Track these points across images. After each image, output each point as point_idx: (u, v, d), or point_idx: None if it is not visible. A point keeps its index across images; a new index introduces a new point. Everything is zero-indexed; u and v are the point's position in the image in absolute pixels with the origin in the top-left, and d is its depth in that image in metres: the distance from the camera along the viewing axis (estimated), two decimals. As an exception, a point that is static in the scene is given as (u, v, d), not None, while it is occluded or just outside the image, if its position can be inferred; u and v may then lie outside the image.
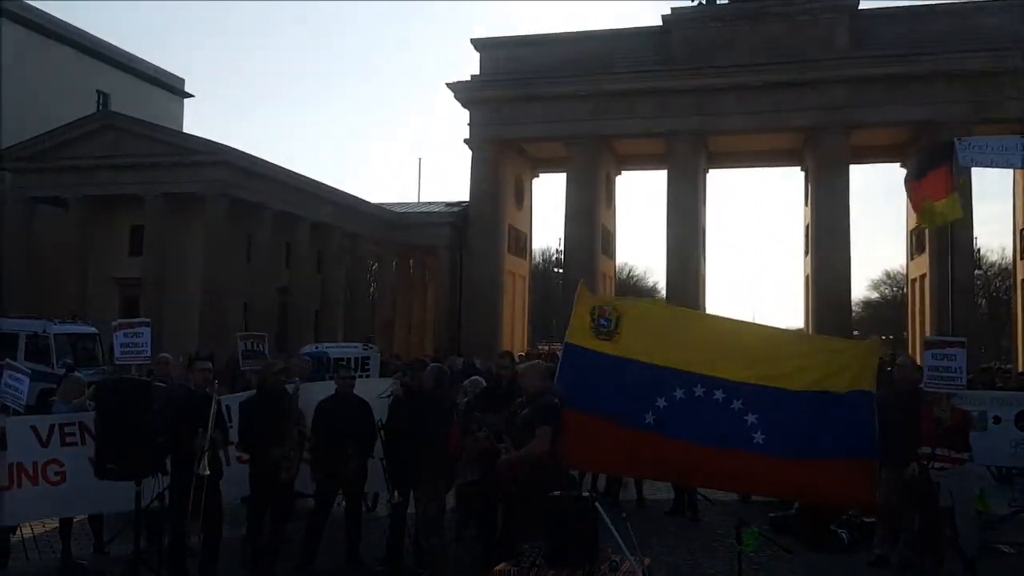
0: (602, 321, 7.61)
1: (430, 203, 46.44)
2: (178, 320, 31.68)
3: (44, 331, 22.28)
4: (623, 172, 43.83)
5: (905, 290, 44.21)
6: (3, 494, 8.38)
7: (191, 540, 8.31)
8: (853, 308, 43.57)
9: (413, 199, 48.99)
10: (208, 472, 7.47)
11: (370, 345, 16.95)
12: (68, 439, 8.65)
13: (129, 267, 33.92)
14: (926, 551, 8.12)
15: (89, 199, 33.11)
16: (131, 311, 29.66)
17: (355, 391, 9.02)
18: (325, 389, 9.28)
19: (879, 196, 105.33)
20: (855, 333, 32.18)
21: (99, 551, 9.51)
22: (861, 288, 73.96)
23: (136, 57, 43.15)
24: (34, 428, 8.65)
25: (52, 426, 8.69)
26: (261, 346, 13.83)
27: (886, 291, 72.79)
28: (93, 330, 24.15)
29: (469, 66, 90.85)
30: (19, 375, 9.99)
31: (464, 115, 37.35)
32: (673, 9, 34.86)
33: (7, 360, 10.54)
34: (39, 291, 32.76)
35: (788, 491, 7.81)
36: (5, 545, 9.26)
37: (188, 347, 25.90)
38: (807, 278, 37.97)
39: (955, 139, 12.15)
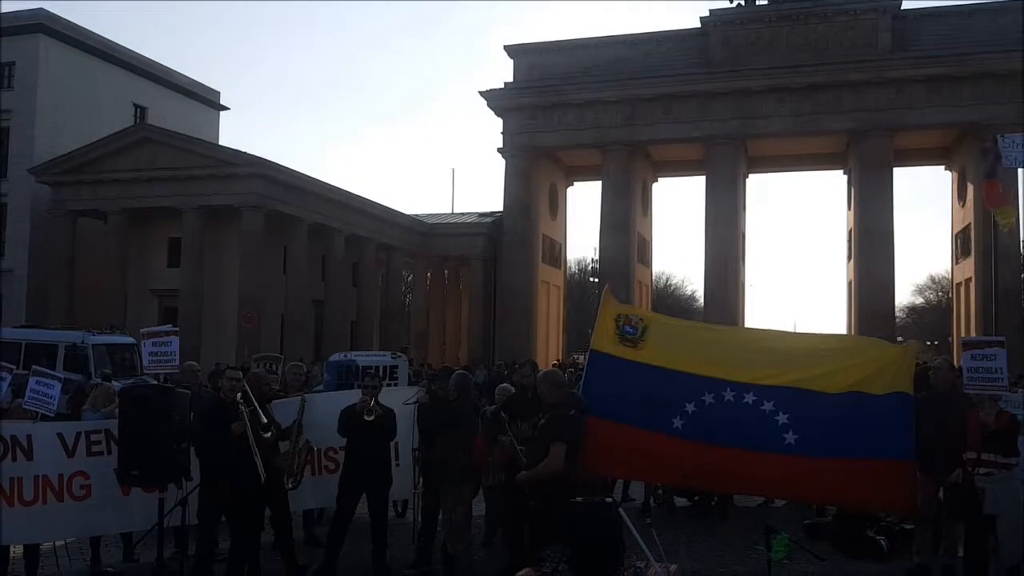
0: (627, 328, 7.51)
1: (463, 214, 46.48)
2: (215, 331, 31.98)
3: (83, 342, 22.56)
4: (660, 179, 43.47)
5: (950, 295, 43.32)
6: (25, 510, 8.21)
7: (219, 547, 8.26)
8: (897, 314, 42.75)
9: (447, 210, 49.10)
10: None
11: (398, 354, 16.86)
12: (94, 448, 8.50)
13: (167, 278, 34.28)
14: (969, 561, 7.79)
15: (127, 212, 33.53)
16: (169, 322, 29.94)
17: (383, 399, 8.94)
18: (351, 397, 9.20)
19: (924, 199, 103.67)
20: (899, 339, 31.46)
21: (129, 559, 9.48)
22: (906, 293, 72.89)
23: (172, 70, 43.65)
24: (60, 436, 8.49)
25: (79, 434, 8.55)
26: (276, 366, 13.96)
27: (931, 296, 71.53)
28: (131, 341, 24.35)
29: (503, 74, 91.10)
30: (48, 380, 9.93)
31: (498, 124, 37.32)
32: (711, 11, 34.50)
33: (34, 367, 10.53)
34: (80, 303, 33.28)
35: (822, 494, 7.58)
36: (35, 554, 9.25)
37: (226, 357, 26.18)
38: (850, 284, 37.28)
39: (997, 136, 11.76)
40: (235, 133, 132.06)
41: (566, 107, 35.49)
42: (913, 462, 6.78)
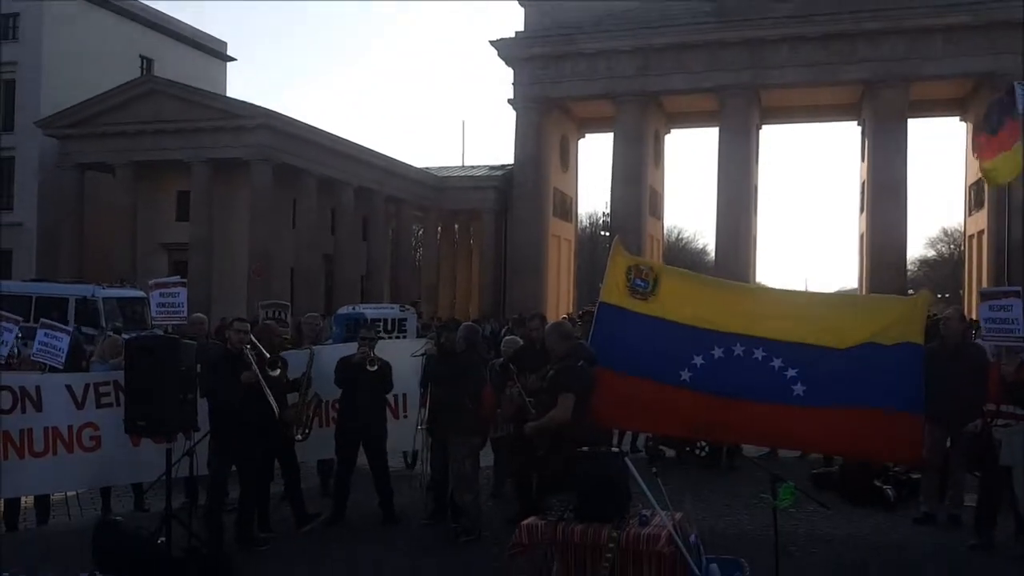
0: (639, 282, 7.52)
1: (474, 167, 46.15)
2: (226, 285, 32.02)
3: (93, 295, 22.68)
4: (672, 130, 43.03)
5: (962, 247, 43.01)
6: (36, 461, 8.20)
7: (229, 496, 8.30)
8: (909, 267, 42.50)
9: (457, 163, 48.76)
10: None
11: (407, 307, 16.84)
12: (103, 400, 8.49)
13: (177, 232, 34.28)
14: (980, 510, 7.76)
15: (136, 165, 33.41)
16: (180, 276, 30.08)
17: (391, 351, 9.01)
18: (351, 349, 9.17)
19: (938, 151, 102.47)
20: (910, 292, 31.30)
21: (139, 508, 9.55)
22: (918, 246, 72.33)
23: (178, 21, 43.24)
24: (69, 387, 8.47)
25: (87, 385, 8.54)
26: (284, 315, 13.88)
27: (943, 249, 70.91)
28: (141, 294, 24.41)
29: (514, 22, 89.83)
30: (57, 333, 9.93)
31: (509, 74, 36.86)
32: (726, -42, 33.84)
33: (42, 319, 10.53)
34: (89, 256, 33.33)
35: (829, 444, 7.58)
36: (46, 503, 9.32)
37: (237, 311, 26.18)
38: (862, 236, 37.08)
39: (1015, 83, 11.49)
40: (242, 85, 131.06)
41: (578, 57, 35.02)
42: (921, 412, 6.75)
